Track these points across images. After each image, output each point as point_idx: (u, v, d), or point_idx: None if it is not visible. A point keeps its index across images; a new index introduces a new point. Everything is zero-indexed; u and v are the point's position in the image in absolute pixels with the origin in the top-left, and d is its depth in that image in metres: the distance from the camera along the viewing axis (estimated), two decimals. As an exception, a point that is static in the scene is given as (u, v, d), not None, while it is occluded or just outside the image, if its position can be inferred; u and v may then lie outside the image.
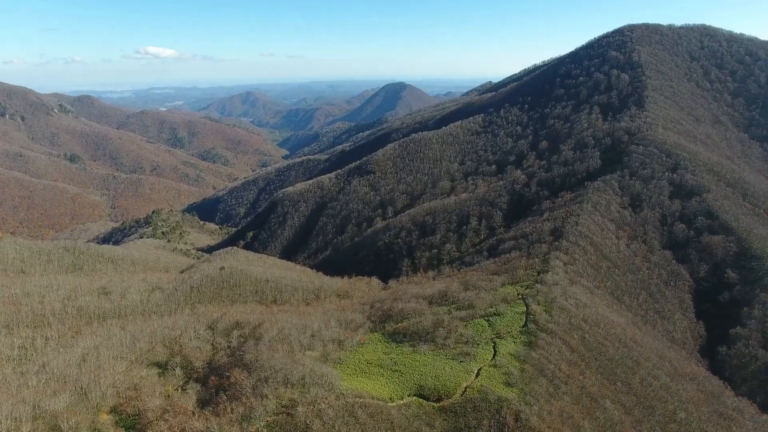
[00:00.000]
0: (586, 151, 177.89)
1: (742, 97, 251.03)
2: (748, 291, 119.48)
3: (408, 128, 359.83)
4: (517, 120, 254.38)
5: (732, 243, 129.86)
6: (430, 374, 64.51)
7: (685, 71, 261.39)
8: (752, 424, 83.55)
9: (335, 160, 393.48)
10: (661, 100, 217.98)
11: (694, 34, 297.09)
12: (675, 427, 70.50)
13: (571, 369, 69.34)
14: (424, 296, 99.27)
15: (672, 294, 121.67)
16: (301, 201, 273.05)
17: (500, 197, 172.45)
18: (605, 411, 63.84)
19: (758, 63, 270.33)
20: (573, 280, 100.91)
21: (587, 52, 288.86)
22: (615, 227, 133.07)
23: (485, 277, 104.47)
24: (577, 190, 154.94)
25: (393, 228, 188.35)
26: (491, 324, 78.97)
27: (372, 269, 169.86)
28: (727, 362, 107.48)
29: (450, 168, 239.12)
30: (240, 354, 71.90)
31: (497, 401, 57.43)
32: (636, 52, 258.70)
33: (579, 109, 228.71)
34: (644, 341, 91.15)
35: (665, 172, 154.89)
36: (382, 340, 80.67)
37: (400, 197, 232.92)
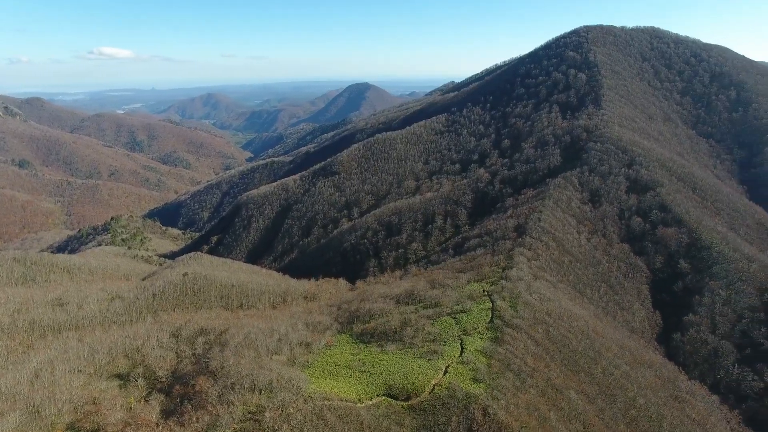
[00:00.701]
0: (547, 149, 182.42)
1: (689, 96, 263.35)
2: (698, 280, 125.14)
3: (372, 128, 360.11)
4: (479, 119, 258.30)
5: (684, 235, 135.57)
6: (398, 373, 64.63)
7: (638, 71, 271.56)
8: (703, 405, 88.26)
9: (300, 161, 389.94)
10: (617, 98, 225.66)
11: (645, 35, 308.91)
12: (635, 413, 73.22)
13: (536, 362, 70.81)
14: (391, 296, 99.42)
15: (630, 285, 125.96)
16: (265, 204, 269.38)
17: (465, 196, 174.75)
18: (570, 401, 65.60)
19: (702, 64, 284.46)
20: (537, 275, 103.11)
21: (546, 53, 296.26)
22: (576, 222, 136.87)
23: (451, 275, 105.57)
24: (539, 187, 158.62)
25: (359, 229, 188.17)
26: (458, 321, 79.82)
27: (339, 270, 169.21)
28: (681, 348, 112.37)
29: (415, 167, 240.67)
30: (205, 361, 70.37)
31: (465, 397, 58.08)
32: (592, 53, 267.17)
33: (539, 107, 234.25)
34: (605, 332, 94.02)
35: (622, 168, 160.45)
36: (350, 342, 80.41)
37: (366, 198, 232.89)
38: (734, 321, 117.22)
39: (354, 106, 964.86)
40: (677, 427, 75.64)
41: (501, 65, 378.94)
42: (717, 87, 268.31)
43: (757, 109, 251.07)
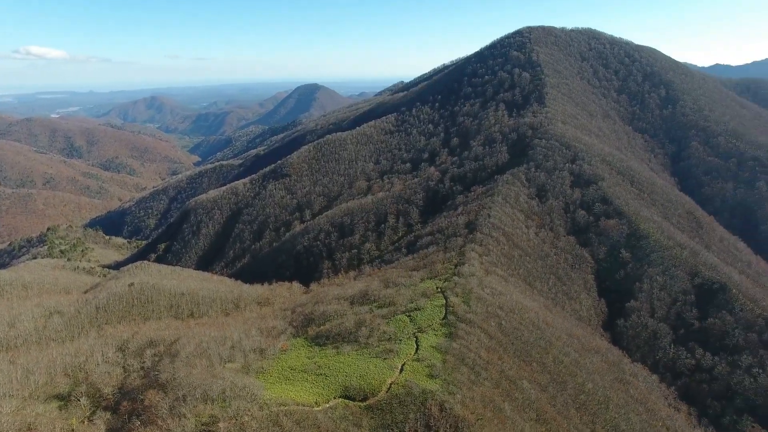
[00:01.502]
0: (495, 146, 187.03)
1: (625, 94, 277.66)
2: (638, 268, 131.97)
3: (322, 130, 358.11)
4: (428, 118, 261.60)
5: (624, 225, 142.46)
6: (354, 374, 64.36)
7: (578, 70, 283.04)
8: (644, 385, 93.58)
9: (249, 164, 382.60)
10: (559, 96, 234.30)
11: (583, 36, 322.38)
12: (584, 397, 76.28)
13: (490, 355, 72.32)
14: (346, 297, 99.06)
15: (577, 276, 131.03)
16: (215, 208, 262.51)
17: (416, 194, 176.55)
18: (523, 391, 67.43)
19: (635, 64, 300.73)
20: (488, 270, 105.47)
21: (491, 52, 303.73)
22: (524, 217, 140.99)
23: (405, 273, 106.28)
24: (488, 183, 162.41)
25: (311, 231, 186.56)
26: (412, 319, 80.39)
27: (293, 274, 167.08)
28: (624, 333, 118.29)
29: (366, 168, 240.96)
30: (155, 374, 67.52)
31: (422, 394, 58.49)
32: (535, 53, 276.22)
33: (486, 106, 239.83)
34: (555, 322, 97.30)
35: (566, 163, 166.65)
36: (305, 345, 79.44)
37: (317, 199, 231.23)
38: (670, 304, 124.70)
39: (304, 108, 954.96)
40: (622, 408, 79.66)
41: (449, 65, 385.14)
42: (649, 86, 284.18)
43: (683, 106, 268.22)
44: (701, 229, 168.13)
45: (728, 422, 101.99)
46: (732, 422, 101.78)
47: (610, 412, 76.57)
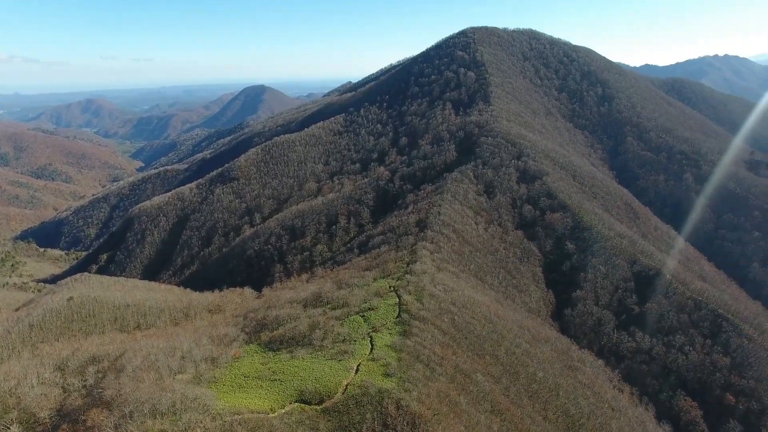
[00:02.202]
0: (443, 145, 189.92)
1: (565, 92, 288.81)
2: (583, 258, 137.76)
3: (270, 132, 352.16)
4: (377, 118, 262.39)
5: (568, 218, 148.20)
6: (310, 378, 63.59)
7: (521, 69, 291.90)
8: (591, 370, 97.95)
9: (196, 169, 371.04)
10: (503, 95, 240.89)
11: (524, 37, 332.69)
12: (536, 386, 78.70)
13: (444, 351, 73.26)
14: (299, 300, 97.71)
15: (526, 269, 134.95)
16: (160, 215, 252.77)
17: (366, 194, 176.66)
18: (478, 384, 68.68)
19: (573, 63, 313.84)
20: (440, 267, 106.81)
21: (437, 52, 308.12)
22: (473, 213, 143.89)
23: (357, 273, 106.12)
24: (437, 182, 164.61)
25: (262, 234, 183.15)
26: (366, 319, 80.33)
27: (244, 279, 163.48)
28: (571, 322, 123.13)
29: (315, 169, 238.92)
30: (98, 392, 64.11)
31: (378, 393, 58.48)
32: (479, 53, 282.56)
33: (433, 105, 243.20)
34: (506, 315, 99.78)
35: (512, 160, 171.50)
36: (259, 351, 77.77)
37: (267, 202, 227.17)
38: (612, 292, 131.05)
39: (251, 110, 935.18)
40: (571, 393, 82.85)
41: (396, 65, 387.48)
42: (587, 84, 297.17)
43: (618, 104, 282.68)
44: (638, 219, 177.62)
45: (665, 398, 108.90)
46: (668, 398, 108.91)
47: (561, 398, 79.49)
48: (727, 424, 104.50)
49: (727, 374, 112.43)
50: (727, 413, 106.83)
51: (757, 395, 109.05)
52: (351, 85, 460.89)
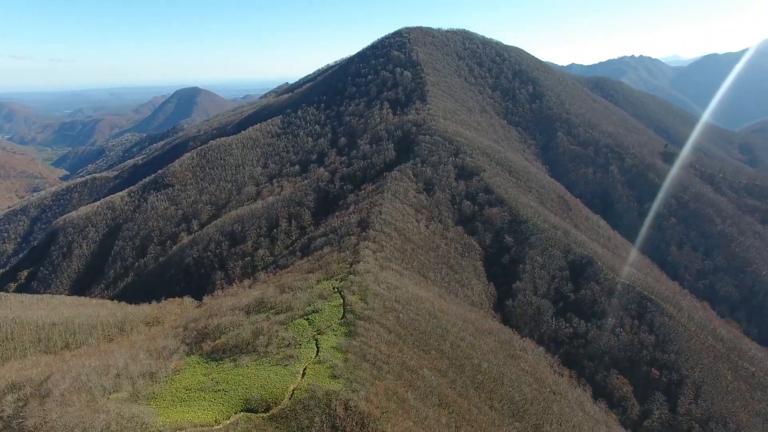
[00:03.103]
0: (381, 144, 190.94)
1: (498, 90, 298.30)
2: (521, 250, 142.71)
3: (206, 135, 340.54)
4: (315, 119, 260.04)
5: (506, 212, 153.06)
6: (255, 385, 62.06)
7: (455, 68, 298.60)
8: (533, 357, 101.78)
9: (127, 176, 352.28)
10: (440, 94, 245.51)
11: (458, 37, 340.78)
12: (481, 377, 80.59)
13: (390, 349, 73.57)
14: (241, 307, 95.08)
15: (467, 263, 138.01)
16: (89, 226, 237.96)
17: (307, 196, 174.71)
18: (424, 379, 69.45)
19: (505, 63, 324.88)
20: (383, 266, 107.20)
21: (373, 52, 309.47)
22: (414, 211, 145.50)
23: (300, 276, 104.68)
24: (377, 181, 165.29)
25: (200, 241, 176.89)
26: (311, 322, 79.31)
27: (183, 288, 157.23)
28: (513, 312, 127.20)
29: (254, 172, 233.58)
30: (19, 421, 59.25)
31: (326, 396, 57.95)
32: (414, 52, 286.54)
33: (371, 105, 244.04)
34: (450, 309, 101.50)
35: (450, 157, 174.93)
36: (201, 362, 74.92)
37: (205, 208, 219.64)
38: (549, 281, 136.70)
39: (185, 113, 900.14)
40: (515, 381, 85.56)
41: (333, 65, 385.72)
42: (518, 82, 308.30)
43: (548, 101, 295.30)
44: (570, 211, 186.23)
45: (600, 378, 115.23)
46: (602, 378, 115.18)
47: (505, 386, 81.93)
48: (653, 396, 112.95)
49: (652, 351, 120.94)
50: (653, 386, 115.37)
51: (676, 367, 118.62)
52: (288, 86, 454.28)
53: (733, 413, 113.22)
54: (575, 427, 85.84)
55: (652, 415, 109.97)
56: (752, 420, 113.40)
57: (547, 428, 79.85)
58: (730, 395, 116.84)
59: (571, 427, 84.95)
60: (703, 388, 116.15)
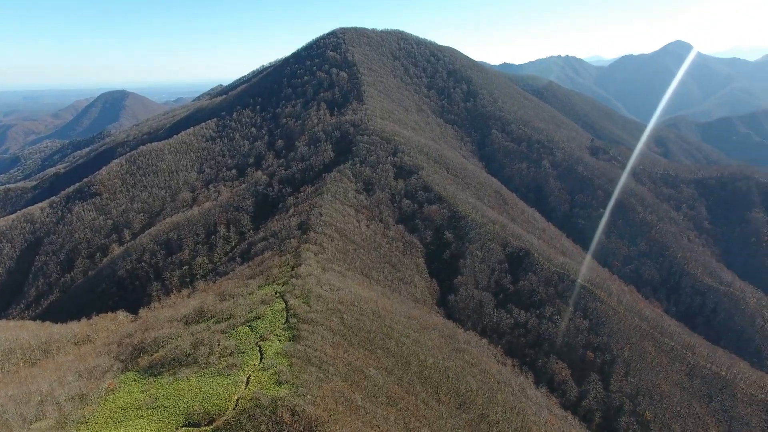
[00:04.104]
0: (320, 145, 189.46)
1: (434, 89, 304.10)
2: (461, 246, 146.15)
3: (136, 140, 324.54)
4: (251, 122, 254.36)
5: (445, 209, 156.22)
6: (197, 398, 59.80)
7: (391, 69, 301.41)
8: (476, 349, 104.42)
9: (48, 185, 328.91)
10: (376, 94, 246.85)
11: (393, 37, 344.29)
12: (427, 372, 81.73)
13: (335, 350, 73.11)
14: (180, 318, 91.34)
15: (409, 261, 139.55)
16: (3, 241, 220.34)
17: (245, 200, 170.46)
18: (371, 378, 69.44)
19: (440, 62, 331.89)
20: (325, 268, 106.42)
21: (308, 53, 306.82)
22: (354, 212, 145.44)
23: (241, 283, 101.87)
24: (317, 182, 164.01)
25: (134, 252, 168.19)
26: (254, 328, 77.47)
27: (117, 302, 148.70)
28: (455, 307, 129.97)
29: (188, 178, 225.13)
30: None
31: (271, 403, 56.73)
32: (350, 53, 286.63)
33: (308, 106, 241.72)
34: (394, 308, 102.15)
35: (388, 156, 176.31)
36: (138, 379, 71.23)
37: (137, 217, 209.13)
38: (489, 274, 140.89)
39: (112, 117, 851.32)
40: (461, 374, 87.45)
41: (268, 66, 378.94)
42: (453, 81, 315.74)
43: (482, 99, 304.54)
44: (507, 205, 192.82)
45: (540, 364, 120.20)
46: (543, 364, 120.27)
47: (451, 380, 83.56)
48: (589, 377, 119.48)
49: (586, 335, 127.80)
50: (589, 368, 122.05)
51: (608, 348, 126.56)
52: (223, 88, 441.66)
53: (657, 385, 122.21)
54: (519, 413, 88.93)
55: (589, 395, 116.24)
56: (672, 390, 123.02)
57: (493, 417, 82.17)
58: (654, 369, 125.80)
59: (516, 413, 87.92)
60: (632, 366, 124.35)
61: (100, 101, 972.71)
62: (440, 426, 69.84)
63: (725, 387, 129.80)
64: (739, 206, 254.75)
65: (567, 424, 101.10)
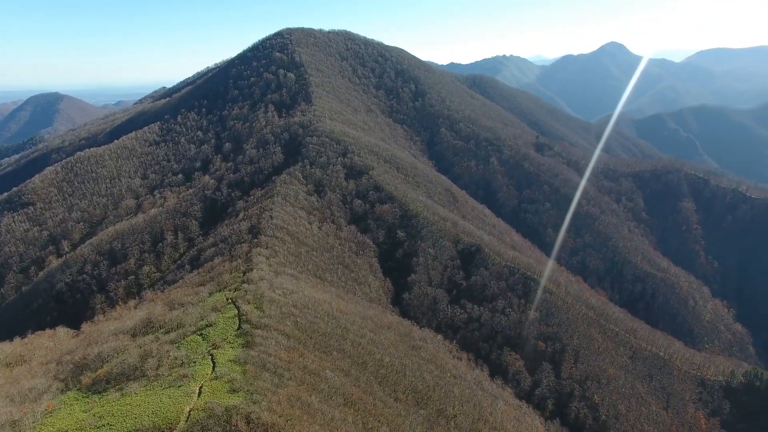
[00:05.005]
0: (268, 148, 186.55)
1: (382, 89, 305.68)
2: (413, 244, 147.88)
3: (73, 146, 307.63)
4: (197, 125, 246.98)
5: (396, 208, 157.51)
6: (146, 413, 57.40)
7: (339, 69, 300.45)
8: (432, 346, 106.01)
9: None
10: (324, 94, 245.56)
11: (340, 37, 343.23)
12: (384, 371, 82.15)
13: (290, 354, 72.21)
14: (126, 330, 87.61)
15: (363, 261, 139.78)
16: None
17: (193, 206, 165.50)
18: (328, 381, 69.02)
19: (387, 62, 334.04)
20: (278, 272, 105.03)
21: (254, 54, 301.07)
22: (306, 214, 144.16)
23: (191, 291, 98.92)
24: (267, 185, 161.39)
25: (74, 264, 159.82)
26: (205, 337, 75.37)
27: (56, 318, 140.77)
28: (410, 305, 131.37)
29: (132, 184, 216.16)
30: None
31: (225, 412, 55.34)
32: (297, 53, 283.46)
33: (255, 108, 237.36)
34: (348, 309, 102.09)
35: (338, 157, 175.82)
36: (80, 397, 67.71)
37: (77, 227, 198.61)
38: (442, 271, 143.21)
39: (44, 122, 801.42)
40: (417, 371, 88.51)
41: (213, 68, 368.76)
42: (401, 81, 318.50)
43: (430, 98, 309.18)
44: (457, 202, 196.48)
45: (495, 357, 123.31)
46: (497, 356, 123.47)
47: (408, 377, 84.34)
48: (541, 366, 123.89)
49: (537, 325, 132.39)
50: (541, 357, 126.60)
51: (558, 338, 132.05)
52: (166, 91, 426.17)
53: (604, 370, 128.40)
54: (475, 405, 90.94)
55: (542, 383, 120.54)
56: (617, 373, 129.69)
57: (450, 411, 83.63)
58: (601, 355, 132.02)
59: (472, 406, 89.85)
60: (581, 352, 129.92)
61: (30, 104, 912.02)
62: (399, 423, 70.34)
63: (663, 366, 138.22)
64: (672, 197, 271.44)
65: (522, 413, 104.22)
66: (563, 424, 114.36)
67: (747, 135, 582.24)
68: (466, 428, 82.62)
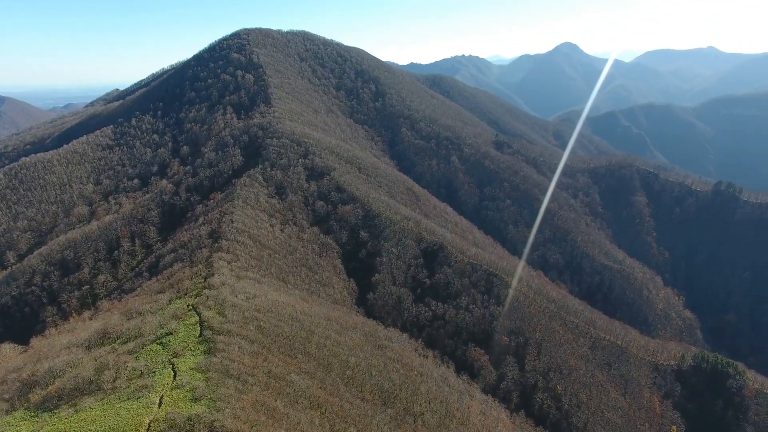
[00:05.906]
0: (228, 150, 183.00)
1: (342, 90, 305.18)
2: (376, 244, 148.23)
3: (17, 151, 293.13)
4: (152, 128, 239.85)
5: (359, 209, 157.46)
6: (102, 428, 55.23)
7: (298, 70, 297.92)
8: (398, 345, 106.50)
9: None
10: (284, 96, 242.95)
11: (299, 38, 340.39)
12: (350, 372, 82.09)
13: (254, 359, 71.24)
14: (79, 343, 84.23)
15: (326, 263, 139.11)
16: None
17: (150, 211, 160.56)
18: (293, 384, 68.40)
19: (347, 63, 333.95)
20: (240, 276, 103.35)
21: (211, 55, 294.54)
22: (267, 216, 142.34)
23: (149, 299, 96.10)
24: (226, 188, 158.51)
25: (21, 276, 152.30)
26: (165, 346, 73.30)
27: (1, 335, 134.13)
28: (375, 305, 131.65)
29: (84, 190, 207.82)
30: None
31: (187, 422, 53.97)
32: (255, 54, 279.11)
33: (213, 110, 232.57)
34: (312, 311, 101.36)
35: (299, 159, 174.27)
36: (28, 417, 64.37)
37: (23, 236, 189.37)
38: (406, 270, 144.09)
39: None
40: (383, 370, 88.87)
41: (168, 69, 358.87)
42: (361, 82, 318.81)
43: (390, 98, 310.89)
44: (419, 201, 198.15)
45: (460, 353, 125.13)
46: (462, 352, 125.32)
47: (374, 377, 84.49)
48: (505, 360, 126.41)
49: (501, 320, 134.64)
50: (505, 351, 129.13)
51: (521, 331, 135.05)
52: (119, 93, 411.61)
53: (566, 361, 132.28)
54: (442, 402, 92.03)
55: (507, 377, 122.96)
56: (578, 363, 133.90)
57: (417, 408, 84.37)
58: (562, 346, 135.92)
59: (439, 403, 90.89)
60: (543, 345, 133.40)
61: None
62: (366, 424, 70.49)
63: (621, 354, 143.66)
64: (625, 191, 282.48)
65: (488, 407, 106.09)
66: (528, 416, 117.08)
67: (691, 131, 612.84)
68: (433, 425, 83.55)
